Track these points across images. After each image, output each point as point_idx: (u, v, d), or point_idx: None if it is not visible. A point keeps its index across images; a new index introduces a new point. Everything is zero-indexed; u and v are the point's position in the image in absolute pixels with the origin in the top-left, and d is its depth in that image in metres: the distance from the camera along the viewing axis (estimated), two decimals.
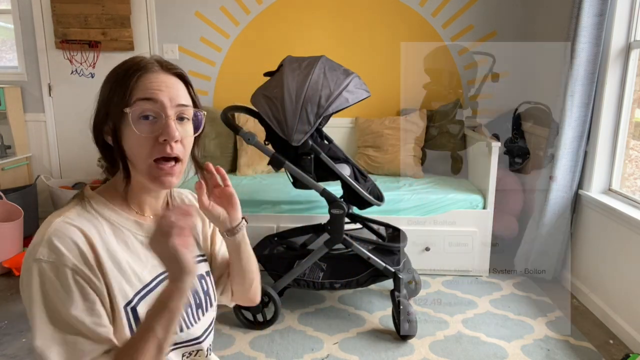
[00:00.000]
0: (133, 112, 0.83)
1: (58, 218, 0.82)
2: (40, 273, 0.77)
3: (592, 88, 2.57)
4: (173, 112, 0.85)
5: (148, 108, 0.83)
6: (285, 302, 2.58)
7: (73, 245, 0.79)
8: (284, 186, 2.97)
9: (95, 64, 3.64)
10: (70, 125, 3.73)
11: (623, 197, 2.49)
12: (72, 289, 0.77)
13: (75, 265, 0.78)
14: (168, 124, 0.84)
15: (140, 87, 0.84)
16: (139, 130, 0.83)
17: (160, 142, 0.84)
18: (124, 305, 0.83)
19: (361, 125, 3.52)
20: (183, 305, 0.81)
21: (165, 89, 0.85)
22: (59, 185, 3.64)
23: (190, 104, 0.89)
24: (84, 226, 0.82)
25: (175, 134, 0.84)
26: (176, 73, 0.89)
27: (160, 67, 0.87)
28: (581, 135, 2.65)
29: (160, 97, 0.84)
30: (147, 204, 0.93)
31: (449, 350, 2.22)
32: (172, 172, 0.86)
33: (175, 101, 0.85)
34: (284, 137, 2.18)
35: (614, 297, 2.42)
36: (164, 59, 0.90)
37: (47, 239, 0.79)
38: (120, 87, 0.84)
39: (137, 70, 0.85)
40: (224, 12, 3.59)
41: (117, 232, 0.87)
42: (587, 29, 2.51)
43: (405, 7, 3.54)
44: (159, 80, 0.85)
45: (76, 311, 0.77)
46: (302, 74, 2.20)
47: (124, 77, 0.85)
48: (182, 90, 0.88)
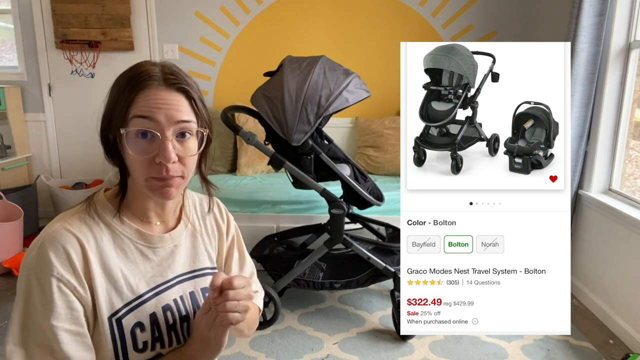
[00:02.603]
0: (129, 132, 0.80)
1: (58, 223, 0.82)
2: (27, 279, 0.78)
3: (592, 88, 2.57)
4: (171, 130, 0.81)
5: (145, 126, 0.80)
6: (285, 302, 2.58)
7: (63, 253, 0.79)
8: (284, 186, 2.97)
9: (95, 64, 3.64)
10: (70, 125, 3.73)
11: (623, 197, 2.49)
12: (55, 298, 0.77)
13: (61, 274, 0.78)
14: (165, 146, 0.79)
15: (138, 104, 0.80)
16: (134, 152, 0.80)
17: (157, 163, 0.80)
18: (109, 316, 0.82)
19: (361, 125, 3.52)
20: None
21: (164, 107, 0.80)
22: (59, 185, 3.64)
23: (192, 120, 0.83)
24: (82, 233, 0.82)
25: (171, 155, 0.80)
26: (179, 88, 0.83)
27: (163, 82, 0.82)
28: (581, 135, 2.65)
29: (157, 115, 0.80)
30: (152, 211, 0.91)
31: (449, 350, 2.22)
32: (171, 184, 0.82)
33: (175, 118, 0.81)
34: (284, 137, 2.18)
35: (614, 297, 2.42)
36: (171, 68, 0.85)
37: (40, 245, 0.79)
38: (120, 98, 0.81)
39: (136, 85, 0.81)
40: (224, 12, 3.59)
41: (117, 240, 0.86)
42: (587, 29, 2.51)
43: (405, 7, 3.54)
44: (157, 97, 0.80)
45: (56, 321, 0.76)
46: (302, 74, 2.20)
47: (124, 89, 0.81)
48: (184, 105, 0.83)
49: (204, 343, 0.84)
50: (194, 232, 0.98)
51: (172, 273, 0.92)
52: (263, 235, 2.77)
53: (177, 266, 0.93)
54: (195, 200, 1.03)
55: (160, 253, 0.90)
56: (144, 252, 0.89)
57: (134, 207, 0.89)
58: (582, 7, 2.48)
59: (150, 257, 0.89)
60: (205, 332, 0.83)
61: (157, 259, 0.90)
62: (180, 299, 0.92)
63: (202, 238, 0.99)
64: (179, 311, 0.91)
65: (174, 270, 0.92)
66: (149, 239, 0.89)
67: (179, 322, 0.90)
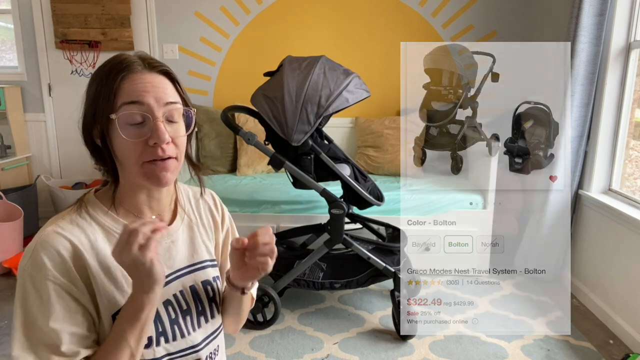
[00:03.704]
0: (119, 117, 0.79)
1: (50, 227, 0.82)
2: (23, 284, 0.78)
3: (592, 88, 2.57)
4: (161, 112, 0.81)
5: (135, 112, 0.80)
6: (285, 302, 2.58)
7: (57, 256, 0.79)
8: (284, 186, 2.97)
9: (95, 64, 3.63)
10: (70, 125, 3.70)
11: (623, 197, 2.49)
12: (52, 301, 0.77)
13: (56, 277, 0.78)
14: (157, 127, 0.80)
15: (124, 90, 0.80)
16: (127, 136, 0.80)
17: (151, 145, 0.80)
18: (113, 314, 0.82)
19: (361, 125, 3.52)
20: (153, 314, 0.81)
21: (151, 89, 0.81)
22: (59, 185, 3.64)
23: (178, 101, 0.85)
24: (74, 235, 0.82)
25: (165, 136, 0.80)
26: (161, 70, 0.84)
27: (144, 66, 0.82)
28: (581, 135, 2.65)
29: (147, 98, 0.80)
30: (146, 205, 0.90)
31: (449, 350, 2.22)
32: (167, 167, 0.82)
33: (163, 100, 0.81)
34: (284, 137, 2.18)
35: (614, 297, 2.42)
36: (148, 55, 0.86)
37: (33, 250, 0.79)
38: (104, 89, 0.80)
39: (120, 72, 0.80)
40: (224, 12, 3.59)
41: (110, 239, 0.85)
42: (587, 29, 2.51)
43: (405, 7, 3.54)
44: (144, 81, 0.81)
45: (55, 324, 0.77)
46: (302, 74, 2.20)
47: (107, 78, 0.81)
48: (170, 88, 0.84)
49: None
50: (191, 224, 0.98)
51: (170, 269, 0.92)
52: None
53: (175, 261, 0.93)
54: (188, 192, 1.03)
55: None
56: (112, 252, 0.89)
57: (126, 204, 0.89)
58: (582, 7, 2.48)
59: None
60: (240, 284, 0.93)
61: None
62: (180, 294, 0.92)
63: (199, 230, 0.99)
64: (179, 305, 0.91)
65: (172, 265, 0.92)
66: None
67: (181, 316, 0.91)
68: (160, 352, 0.87)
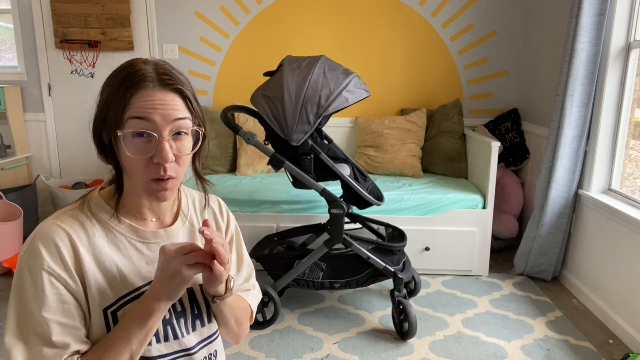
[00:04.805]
0: (126, 133, 0.80)
1: (50, 220, 0.84)
2: (20, 273, 0.80)
3: (592, 88, 2.57)
4: (168, 130, 0.81)
5: (142, 127, 0.80)
6: (285, 302, 2.59)
7: (54, 247, 0.80)
8: (284, 186, 2.97)
9: (95, 64, 3.64)
10: (70, 125, 3.73)
11: (623, 197, 2.49)
12: (46, 291, 0.79)
13: (52, 268, 0.79)
14: (162, 147, 0.80)
15: (134, 105, 0.80)
16: (132, 152, 0.80)
17: (155, 163, 0.81)
18: (104, 308, 0.84)
19: (361, 125, 3.52)
20: (159, 323, 0.84)
21: (160, 107, 0.80)
22: (58, 185, 3.64)
23: (188, 117, 0.84)
24: (73, 229, 0.83)
25: (169, 156, 0.80)
26: (175, 89, 0.83)
27: (158, 83, 0.82)
28: (581, 135, 2.65)
29: (154, 116, 0.80)
30: (147, 208, 0.91)
31: (449, 350, 2.22)
32: (167, 188, 0.84)
33: (171, 117, 0.81)
34: (284, 137, 2.18)
35: (614, 297, 2.42)
36: (165, 67, 0.84)
37: (32, 240, 0.82)
38: (114, 99, 0.81)
39: (131, 87, 0.80)
40: (224, 12, 3.59)
41: (110, 236, 0.87)
42: (587, 29, 2.51)
43: (405, 7, 3.54)
44: (153, 98, 0.80)
45: (47, 314, 0.78)
46: (302, 74, 2.20)
47: (119, 89, 0.81)
48: (180, 105, 0.83)
49: None
50: (192, 230, 0.98)
51: None
52: (263, 235, 2.77)
53: None
54: (194, 197, 1.03)
55: (154, 249, 0.90)
56: (138, 248, 0.89)
57: (128, 205, 0.90)
58: (582, 7, 2.48)
59: (144, 252, 0.90)
60: (211, 291, 0.88)
61: (151, 254, 0.90)
62: None
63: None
64: (174, 307, 0.91)
65: None
66: (142, 235, 0.90)
67: (175, 317, 0.91)
68: (154, 352, 0.87)
